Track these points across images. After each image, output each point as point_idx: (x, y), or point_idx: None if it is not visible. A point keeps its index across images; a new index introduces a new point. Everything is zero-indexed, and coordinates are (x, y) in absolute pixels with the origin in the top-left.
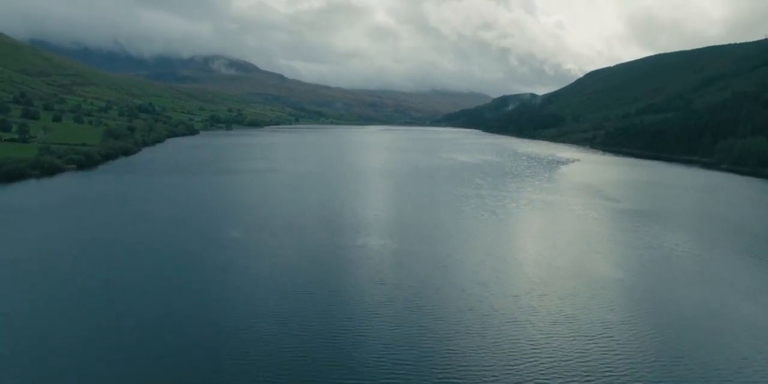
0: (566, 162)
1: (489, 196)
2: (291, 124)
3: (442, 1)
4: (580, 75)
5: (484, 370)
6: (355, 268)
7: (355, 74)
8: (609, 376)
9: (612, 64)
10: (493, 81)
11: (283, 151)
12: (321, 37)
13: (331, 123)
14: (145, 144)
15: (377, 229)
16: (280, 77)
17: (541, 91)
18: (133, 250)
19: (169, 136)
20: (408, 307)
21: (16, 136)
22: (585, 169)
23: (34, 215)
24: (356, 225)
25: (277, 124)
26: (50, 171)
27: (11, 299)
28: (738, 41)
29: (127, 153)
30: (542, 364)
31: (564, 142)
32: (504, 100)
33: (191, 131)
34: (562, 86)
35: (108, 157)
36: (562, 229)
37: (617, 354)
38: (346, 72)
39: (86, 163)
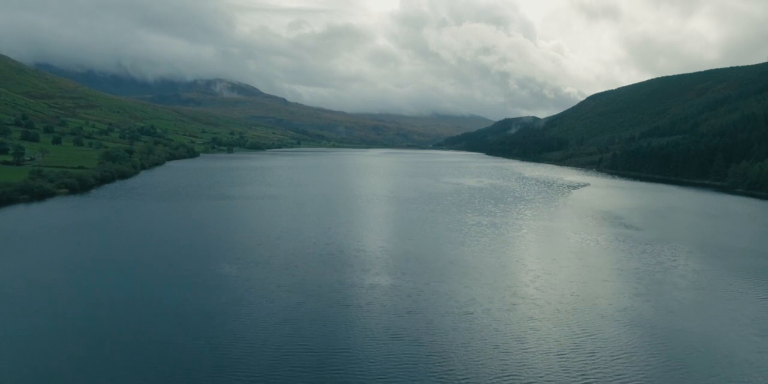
0: (576, 186)
1: (504, 224)
2: (293, 147)
3: (442, 26)
4: (580, 98)
5: None
6: (363, 317)
7: (356, 98)
8: None
9: (611, 87)
10: (493, 104)
11: (283, 176)
12: (323, 61)
13: (333, 146)
14: (144, 167)
15: (386, 265)
16: (283, 101)
17: (541, 114)
18: (105, 291)
19: (169, 159)
20: (428, 370)
21: (11, 159)
22: (597, 193)
23: (8, 244)
24: (363, 260)
25: (279, 147)
26: (40, 195)
27: None
28: (734, 64)
29: (123, 176)
30: None
31: (569, 165)
32: (506, 124)
33: (192, 154)
34: (562, 109)
35: (103, 180)
36: (592, 265)
37: None
38: (347, 96)
39: (79, 186)
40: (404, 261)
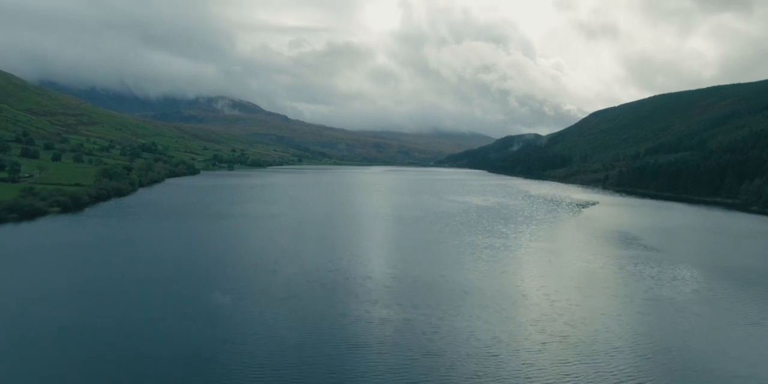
0: (585, 205)
1: (518, 247)
2: (294, 164)
3: (442, 44)
4: (580, 115)
5: None
6: (374, 359)
7: (357, 115)
8: None
9: (610, 104)
10: (494, 122)
11: (284, 193)
12: (324, 79)
13: (335, 163)
14: (142, 184)
15: (396, 296)
16: (284, 118)
17: (542, 131)
18: (78, 323)
19: (169, 176)
20: None
21: (7, 176)
22: (608, 212)
23: None
24: (370, 289)
25: (280, 164)
26: (31, 214)
27: None
28: (732, 82)
29: (120, 194)
30: None
31: (574, 182)
32: (508, 141)
33: (192, 171)
34: (563, 126)
35: (98, 198)
36: (622, 294)
37: None
38: (348, 113)
39: (72, 205)
40: (415, 290)
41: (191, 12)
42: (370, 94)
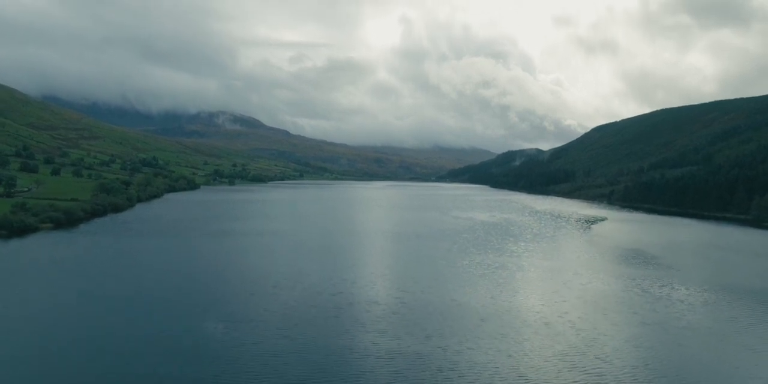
0: (594, 221)
1: (532, 267)
2: (295, 179)
3: (442, 59)
4: (581, 130)
5: None
6: None
7: (358, 130)
8: None
9: (611, 119)
10: (494, 137)
11: (284, 209)
12: (324, 94)
13: (336, 178)
14: (140, 199)
15: (406, 324)
16: (285, 133)
17: (542, 146)
18: (52, 353)
19: (168, 191)
20: None
21: (1, 191)
22: (619, 228)
23: None
24: (377, 317)
25: (282, 179)
26: (20, 231)
27: None
28: (732, 97)
29: (117, 209)
30: None
31: (578, 198)
32: (510, 156)
33: (192, 186)
34: (563, 141)
35: (94, 213)
36: (654, 322)
37: None
38: (349, 128)
39: (65, 221)
40: (427, 318)
41: (193, 28)
42: (370, 109)
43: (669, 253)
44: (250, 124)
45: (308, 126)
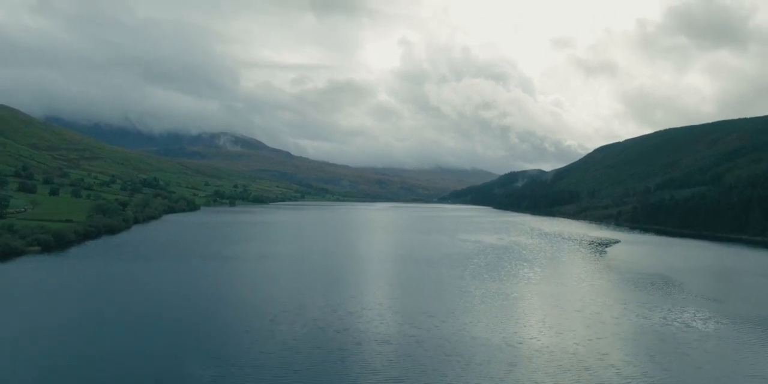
0: (607, 243)
1: (554, 297)
2: (297, 200)
3: (442, 81)
4: (581, 151)
5: None
6: None
7: (359, 152)
8: None
9: (611, 140)
10: (495, 158)
11: (285, 231)
12: (326, 115)
13: (337, 200)
14: (137, 221)
15: (423, 370)
16: (287, 154)
17: (543, 167)
18: None
19: (167, 212)
20: None
21: None
22: (635, 252)
23: None
24: (390, 360)
25: (283, 200)
26: (5, 254)
27: None
28: (730, 117)
29: (112, 231)
30: None
31: (585, 219)
32: (512, 177)
33: (192, 207)
34: (564, 162)
35: (87, 235)
36: (704, 363)
37: None
38: (351, 150)
39: (55, 243)
40: (446, 362)
41: (195, 50)
42: (371, 130)
43: (699, 279)
44: (251, 145)
45: (310, 147)
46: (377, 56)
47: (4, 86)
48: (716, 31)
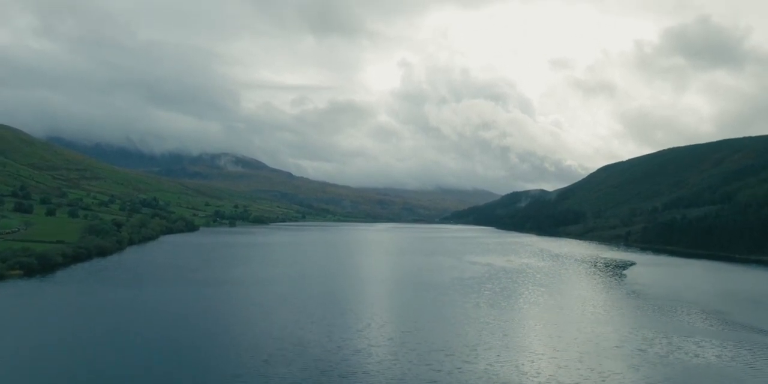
0: (623, 265)
1: (583, 329)
2: (298, 221)
3: (442, 102)
4: (581, 171)
5: None
6: None
7: (360, 172)
8: None
9: (611, 160)
10: (495, 178)
11: (285, 253)
12: (326, 136)
13: (338, 220)
14: (133, 242)
15: None
16: (288, 175)
17: (544, 187)
18: None
19: (165, 233)
20: None
21: None
22: (655, 274)
23: None
24: None
25: (284, 221)
26: None
27: None
28: (729, 136)
29: (103, 253)
30: None
31: (592, 239)
32: (515, 197)
33: (191, 228)
34: (564, 182)
35: (77, 258)
36: None
37: None
38: (351, 170)
39: (39, 267)
40: None
41: (197, 71)
42: (372, 151)
43: (730, 304)
44: (252, 165)
45: (311, 168)
46: (377, 78)
47: (6, 107)
48: (713, 52)
